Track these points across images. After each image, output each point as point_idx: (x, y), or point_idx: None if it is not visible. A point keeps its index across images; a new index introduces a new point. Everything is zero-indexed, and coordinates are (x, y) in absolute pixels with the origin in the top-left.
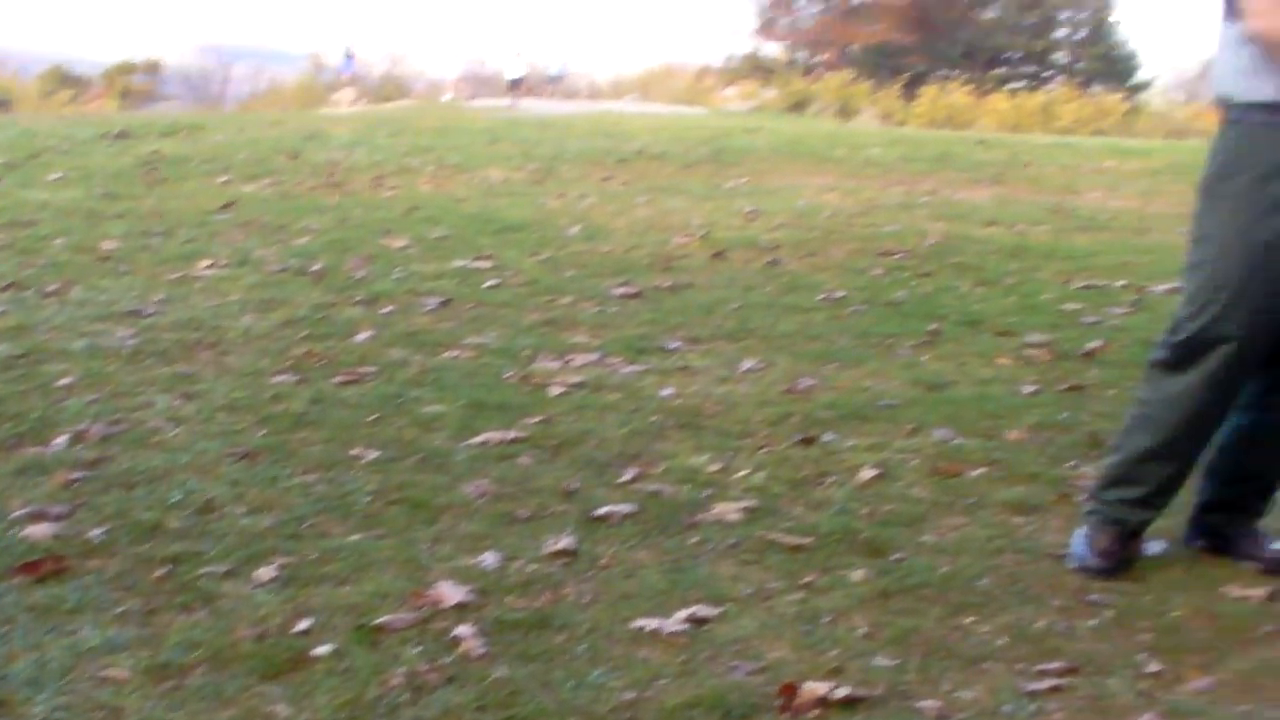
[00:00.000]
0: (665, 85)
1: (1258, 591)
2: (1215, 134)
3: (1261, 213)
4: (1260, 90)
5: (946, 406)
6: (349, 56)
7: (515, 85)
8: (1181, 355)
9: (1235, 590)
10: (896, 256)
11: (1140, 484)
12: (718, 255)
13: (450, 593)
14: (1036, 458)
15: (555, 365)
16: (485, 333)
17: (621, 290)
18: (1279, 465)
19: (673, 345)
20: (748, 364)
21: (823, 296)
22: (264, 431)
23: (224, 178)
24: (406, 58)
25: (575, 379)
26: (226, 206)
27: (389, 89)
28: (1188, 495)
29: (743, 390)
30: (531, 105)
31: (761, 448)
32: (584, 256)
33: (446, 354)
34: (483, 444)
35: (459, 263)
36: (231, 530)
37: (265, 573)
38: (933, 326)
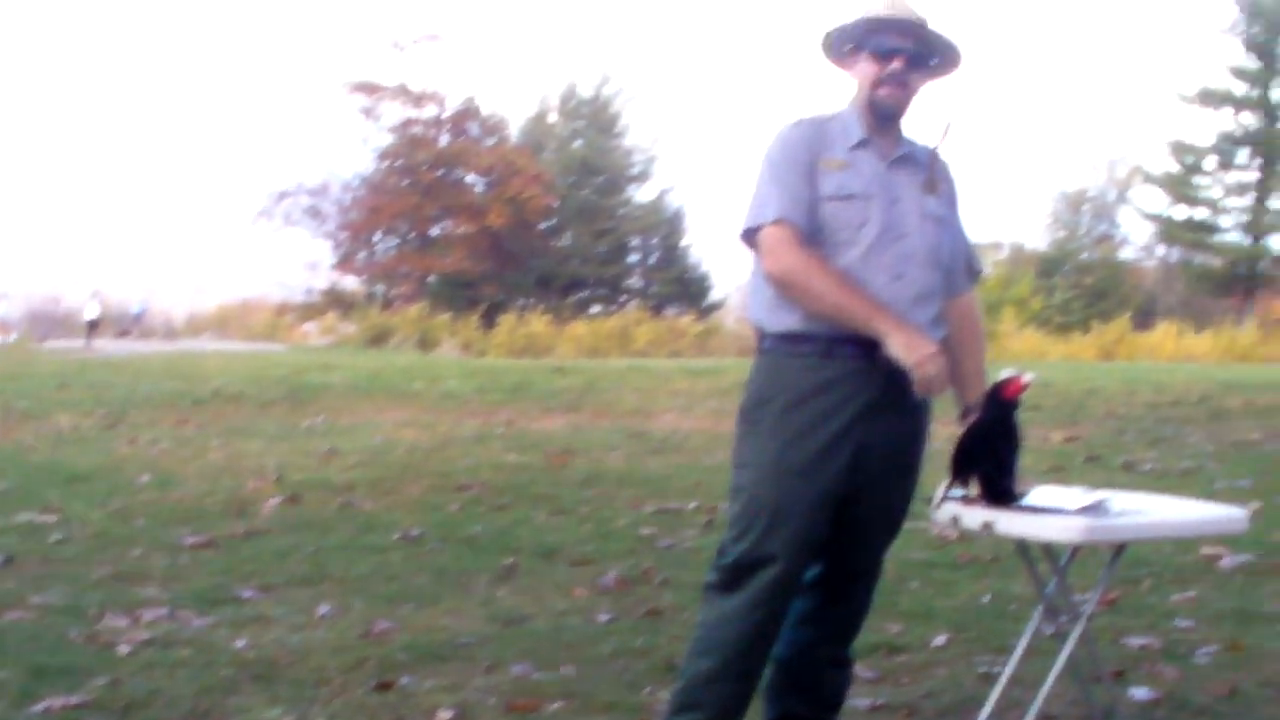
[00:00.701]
0: (243, 322)
1: None
2: (752, 362)
3: (794, 438)
4: (785, 321)
5: (524, 641)
6: None
7: (93, 326)
8: (730, 577)
9: None
10: (472, 490)
11: (704, 707)
12: (292, 498)
13: None
14: (614, 686)
15: (124, 622)
16: (50, 591)
17: (193, 539)
18: (838, 677)
19: (247, 594)
20: (323, 609)
21: (399, 535)
22: None
23: None
24: None
25: (144, 635)
26: None
27: None
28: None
29: (319, 637)
30: (107, 346)
31: (337, 696)
32: (155, 505)
33: (8, 616)
34: (45, 711)
35: (23, 517)
36: None
37: None
38: (509, 560)
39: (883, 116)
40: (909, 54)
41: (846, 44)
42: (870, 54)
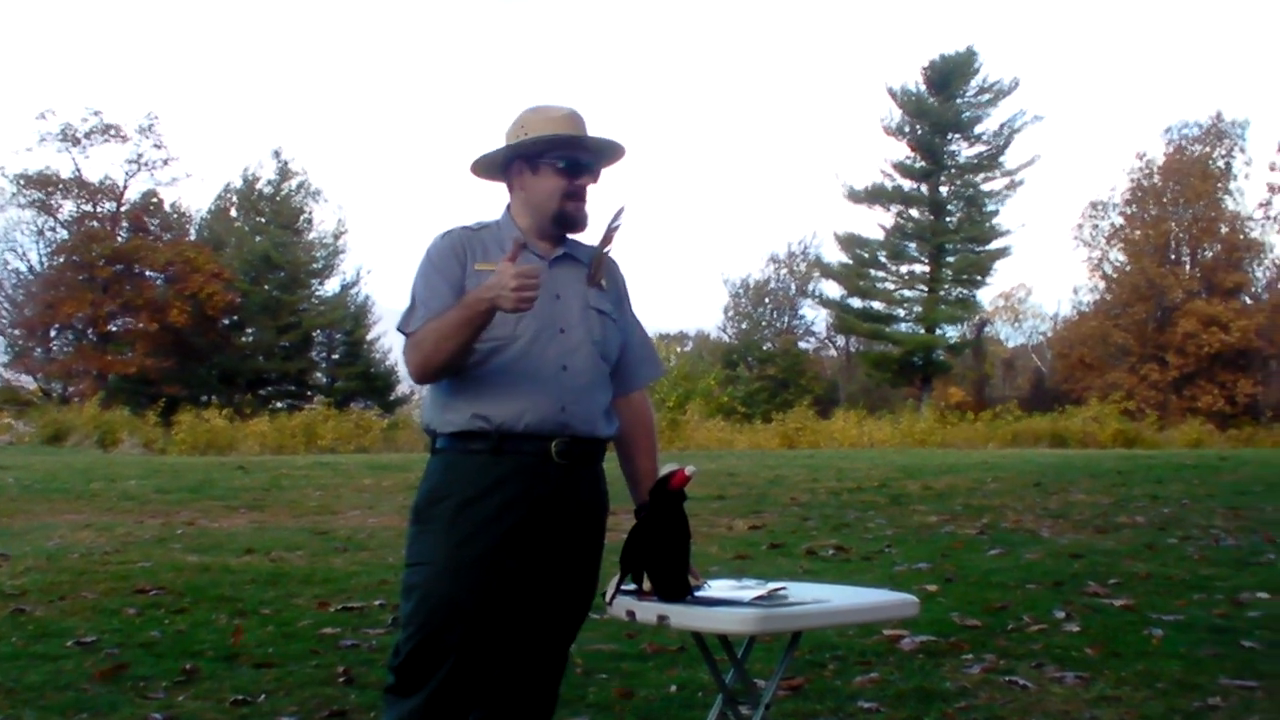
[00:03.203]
0: None
1: None
2: (426, 462)
3: (468, 535)
4: (454, 421)
5: None
6: None
7: None
8: (406, 678)
9: None
10: (151, 594)
11: None
12: None
13: None
14: None
15: None
16: None
17: None
18: None
19: None
20: None
21: (73, 642)
22: None
23: None
24: None
25: None
26: None
27: None
28: None
29: None
30: None
31: None
32: None
33: None
34: None
35: None
36: None
37: None
38: (189, 665)
39: (568, 228)
40: (593, 169)
41: (519, 159)
42: (556, 170)
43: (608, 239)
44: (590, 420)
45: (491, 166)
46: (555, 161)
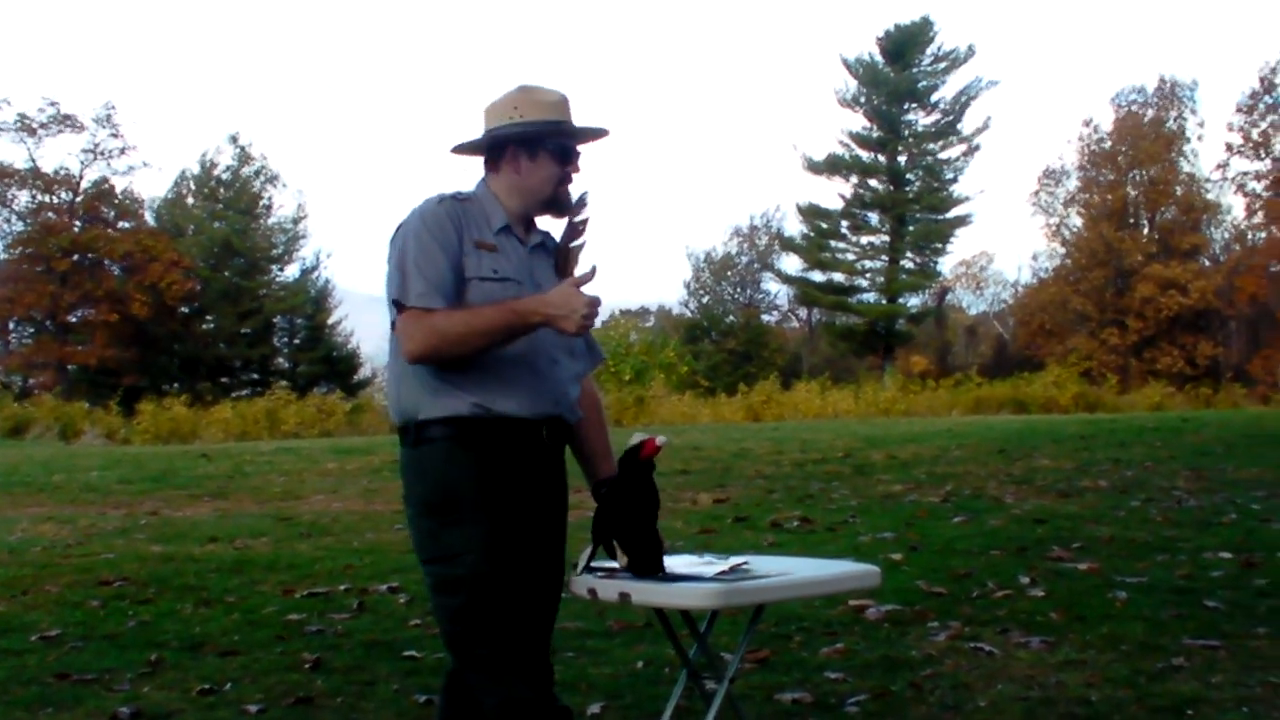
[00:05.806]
0: None
1: None
2: (408, 458)
3: (499, 519)
4: (450, 407)
5: None
6: None
7: None
8: (496, 660)
9: None
10: (115, 585)
11: None
12: None
13: None
14: None
15: None
16: None
17: None
18: None
19: None
20: None
21: (36, 636)
22: None
23: None
24: None
25: None
26: None
27: None
28: None
29: None
30: None
31: None
32: None
33: None
34: None
35: None
36: None
37: None
38: (154, 656)
39: (558, 212)
40: (579, 155)
41: (514, 143)
42: (552, 155)
43: (578, 230)
44: (572, 408)
45: (477, 145)
46: (554, 149)
